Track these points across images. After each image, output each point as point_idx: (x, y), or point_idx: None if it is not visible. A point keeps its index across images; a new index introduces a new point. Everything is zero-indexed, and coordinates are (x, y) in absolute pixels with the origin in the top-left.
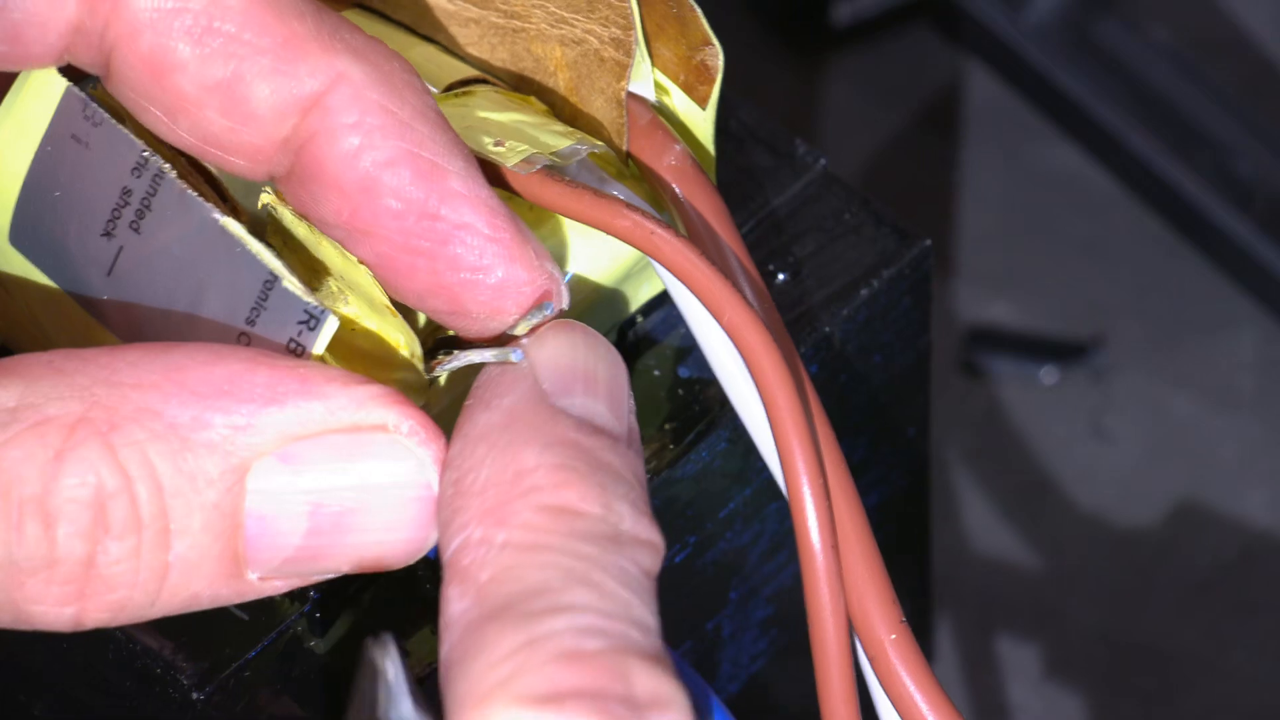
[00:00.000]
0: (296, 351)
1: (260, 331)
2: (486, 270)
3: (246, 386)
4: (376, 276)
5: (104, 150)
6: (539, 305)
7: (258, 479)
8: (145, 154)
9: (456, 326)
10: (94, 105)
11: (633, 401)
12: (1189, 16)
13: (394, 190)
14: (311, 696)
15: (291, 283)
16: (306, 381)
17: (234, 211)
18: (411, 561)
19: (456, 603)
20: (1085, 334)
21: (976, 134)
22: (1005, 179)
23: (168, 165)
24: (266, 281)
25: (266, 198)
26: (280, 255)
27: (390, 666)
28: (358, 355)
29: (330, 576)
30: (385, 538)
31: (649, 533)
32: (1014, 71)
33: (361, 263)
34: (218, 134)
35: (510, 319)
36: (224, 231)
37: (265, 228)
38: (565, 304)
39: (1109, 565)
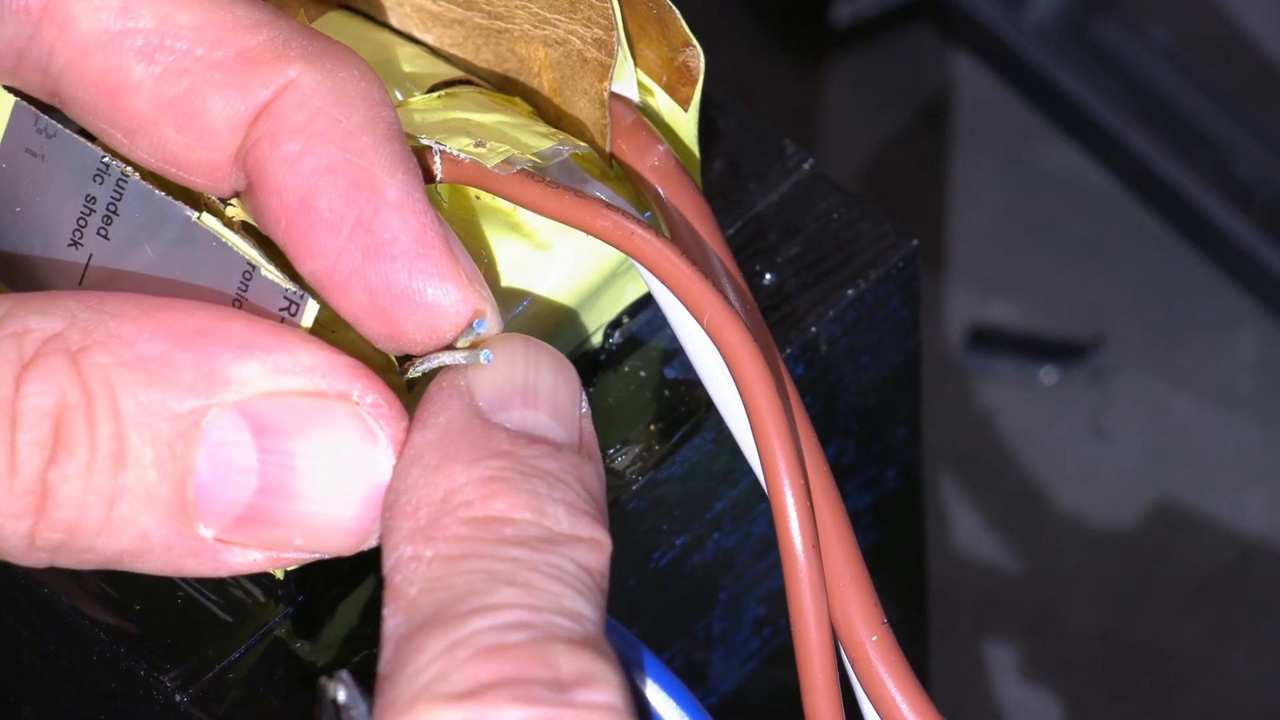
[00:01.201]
0: None
1: None
2: (418, 291)
3: (222, 333)
4: (321, 296)
5: (61, 160)
6: (471, 324)
7: (215, 428)
8: (106, 159)
9: (391, 347)
10: (45, 117)
11: (586, 406)
12: (1189, 16)
13: (329, 199)
14: (295, 699)
15: (270, 270)
16: (281, 338)
17: (205, 205)
18: (360, 548)
19: (390, 619)
20: (1085, 334)
21: (976, 134)
22: (1004, 179)
23: (130, 168)
24: (245, 272)
25: (234, 210)
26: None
27: (345, 698)
28: None
29: (288, 556)
30: (332, 510)
31: (590, 530)
32: (1013, 71)
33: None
34: (176, 152)
35: (446, 340)
36: (198, 227)
37: (236, 225)
38: (499, 324)
39: (1108, 566)
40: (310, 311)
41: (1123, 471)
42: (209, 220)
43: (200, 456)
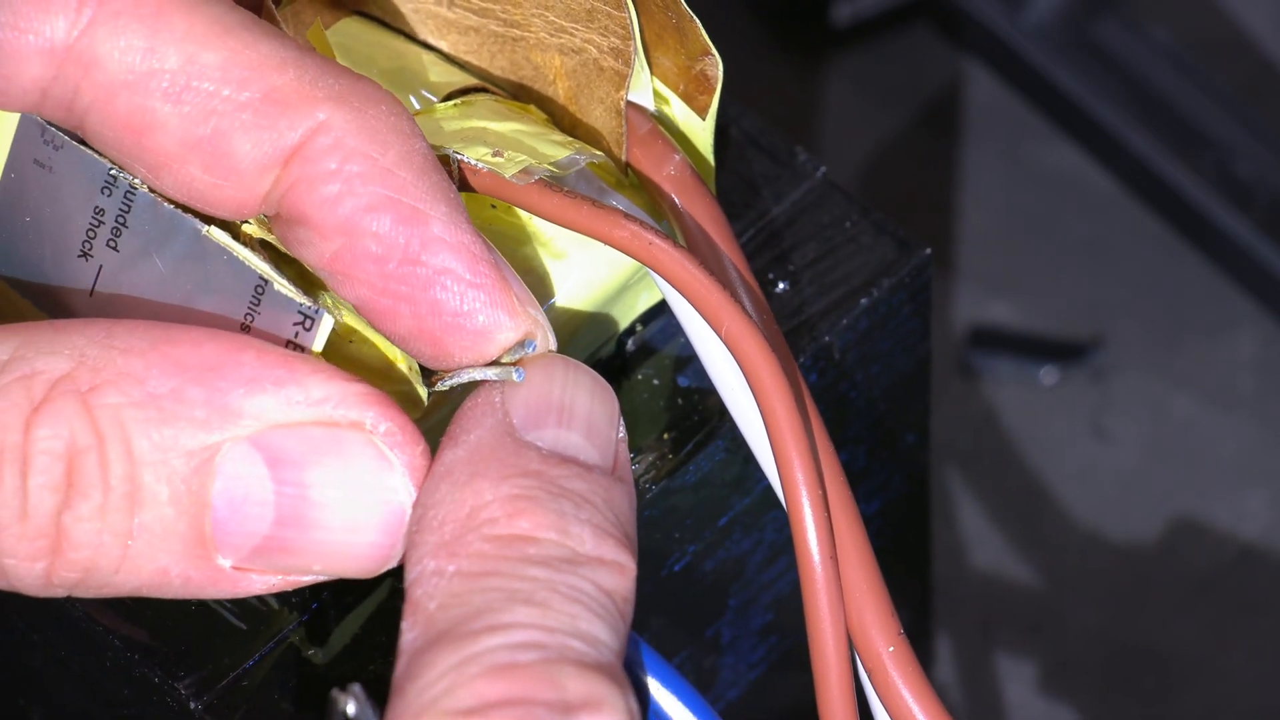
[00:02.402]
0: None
1: (257, 334)
2: (468, 316)
3: (232, 367)
4: (361, 317)
5: (69, 172)
6: (521, 344)
7: (229, 461)
8: (113, 171)
9: (441, 368)
10: (52, 129)
11: (624, 431)
12: (1189, 16)
13: (374, 236)
14: (308, 706)
15: (283, 285)
16: (292, 370)
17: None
18: (380, 571)
19: (407, 633)
20: (1085, 334)
21: (976, 134)
22: (1005, 179)
23: (139, 180)
24: (258, 287)
25: (250, 229)
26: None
27: (355, 711)
28: (355, 366)
29: (306, 579)
30: (351, 539)
31: (614, 554)
32: (1014, 71)
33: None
34: (202, 190)
35: (492, 359)
36: (209, 241)
37: (253, 242)
38: (551, 345)
39: (1109, 566)
40: (325, 327)
41: (1123, 471)
42: (218, 234)
43: (216, 491)
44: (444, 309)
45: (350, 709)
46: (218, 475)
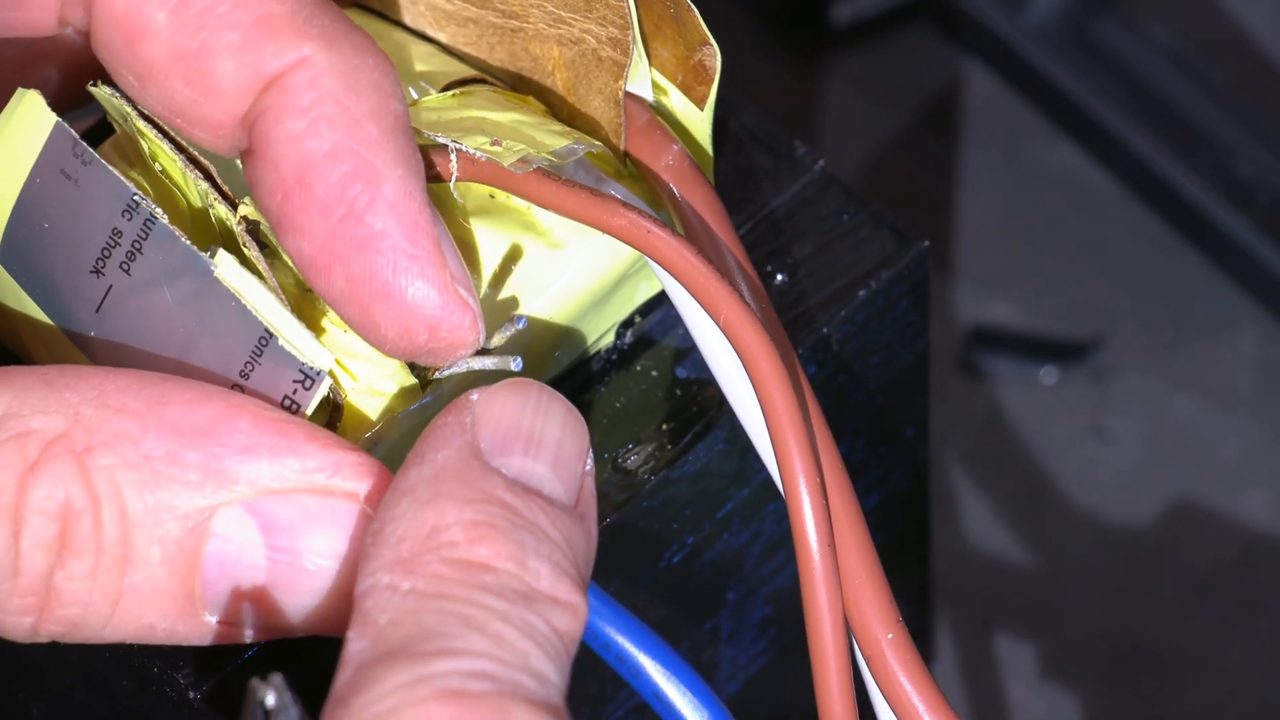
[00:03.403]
0: (290, 409)
1: (254, 387)
2: (396, 285)
3: (226, 431)
4: (300, 272)
5: (94, 189)
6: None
7: (222, 524)
8: (136, 197)
9: (367, 339)
10: (83, 144)
11: (591, 464)
12: (1189, 16)
13: (325, 183)
14: (307, 697)
15: (288, 342)
16: (287, 436)
17: (231, 207)
18: None
19: (354, 643)
20: (1085, 334)
21: (976, 134)
22: (1005, 179)
23: (159, 210)
24: (262, 338)
25: (246, 209)
26: (271, 265)
27: (274, 703)
28: (351, 354)
29: (294, 634)
30: (341, 604)
31: (569, 594)
32: (1014, 71)
33: (286, 255)
34: (182, 105)
35: (419, 341)
36: (220, 284)
37: (258, 225)
38: (482, 335)
39: (1109, 565)
40: (322, 389)
41: (1123, 471)
42: (229, 278)
43: (208, 553)
44: (376, 273)
45: (270, 700)
46: (211, 538)
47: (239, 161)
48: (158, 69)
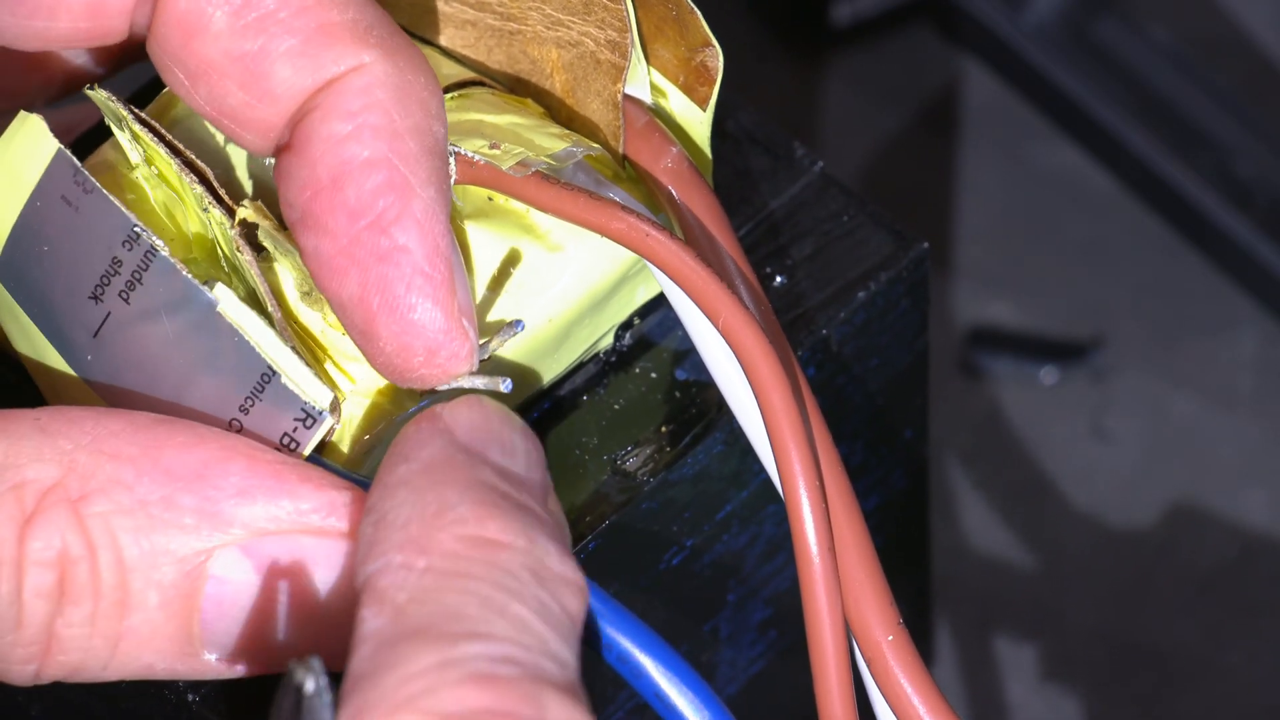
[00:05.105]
0: (290, 447)
1: (253, 423)
2: (409, 303)
3: (220, 474)
4: (309, 270)
5: (94, 217)
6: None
7: (219, 566)
8: (138, 229)
9: (363, 349)
10: (84, 172)
11: (549, 481)
12: (1189, 16)
13: (359, 189)
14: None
15: (291, 380)
16: (281, 479)
17: (227, 212)
18: None
19: (372, 620)
20: (1085, 334)
21: (976, 134)
22: (1005, 179)
23: (160, 242)
24: (264, 375)
25: (244, 212)
26: (264, 270)
27: (311, 686)
28: (350, 357)
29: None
30: (339, 640)
31: (575, 575)
32: (1014, 71)
33: (298, 250)
34: (234, 107)
35: (414, 361)
36: (221, 319)
37: (256, 229)
38: (474, 364)
39: (1109, 565)
40: (324, 427)
41: (1123, 471)
42: (231, 313)
43: (205, 596)
44: (388, 287)
45: (309, 685)
46: (208, 579)
47: (238, 162)
48: (213, 69)
